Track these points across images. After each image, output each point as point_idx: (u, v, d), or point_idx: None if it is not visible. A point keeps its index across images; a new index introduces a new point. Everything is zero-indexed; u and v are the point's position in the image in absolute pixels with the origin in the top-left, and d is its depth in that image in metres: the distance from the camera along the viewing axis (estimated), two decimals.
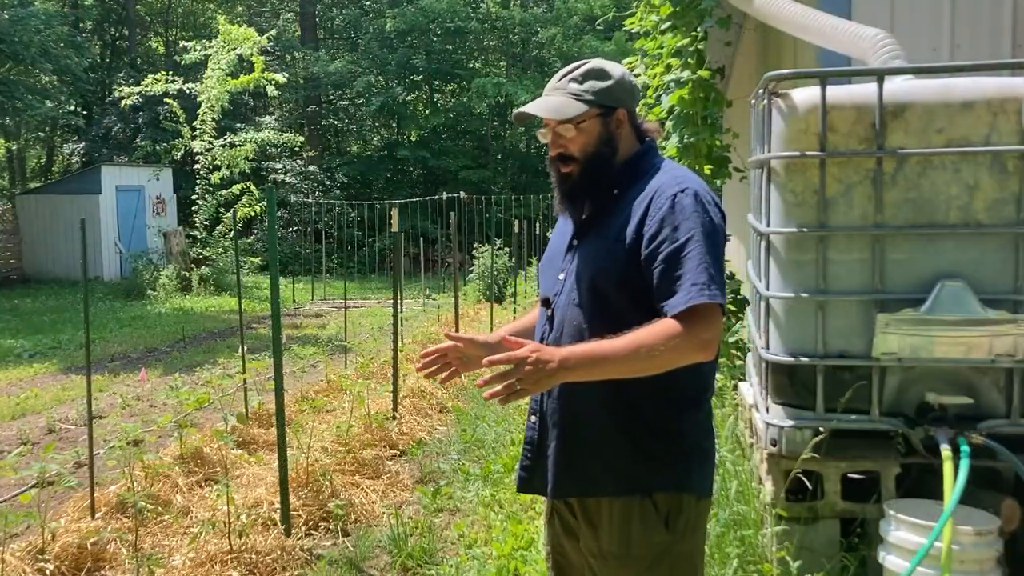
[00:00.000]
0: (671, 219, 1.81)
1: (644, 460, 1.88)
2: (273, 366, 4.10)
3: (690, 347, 1.74)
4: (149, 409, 6.72)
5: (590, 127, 1.94)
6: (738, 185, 6.99)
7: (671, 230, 1.80)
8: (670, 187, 1.85)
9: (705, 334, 1.74)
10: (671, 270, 1.78)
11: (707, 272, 1.75)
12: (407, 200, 20.69)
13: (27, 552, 3.55)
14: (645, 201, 1.86)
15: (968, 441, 2.65)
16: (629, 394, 1.85)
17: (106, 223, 18.56)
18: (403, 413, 6.06)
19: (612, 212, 1.93)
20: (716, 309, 1.76)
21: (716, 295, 1.74)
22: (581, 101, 1.92)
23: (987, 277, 2.82)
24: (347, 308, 9.91)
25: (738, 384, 4.38)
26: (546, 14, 26.33)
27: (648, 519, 1.87)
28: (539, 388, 1.71)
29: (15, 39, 17.93)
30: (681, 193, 1.83)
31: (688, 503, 1.90)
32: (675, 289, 1.76)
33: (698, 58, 5.39)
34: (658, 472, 1.88)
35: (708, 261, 1.77)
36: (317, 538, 4.07)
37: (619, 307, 1.86)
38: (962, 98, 2.81)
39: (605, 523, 1.91)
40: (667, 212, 1.82)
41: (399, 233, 7.11)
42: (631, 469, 1.88)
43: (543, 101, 1.96)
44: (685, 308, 1.73)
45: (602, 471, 1.90)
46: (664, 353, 1.72)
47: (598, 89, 1.93)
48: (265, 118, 25.14)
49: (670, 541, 1.89)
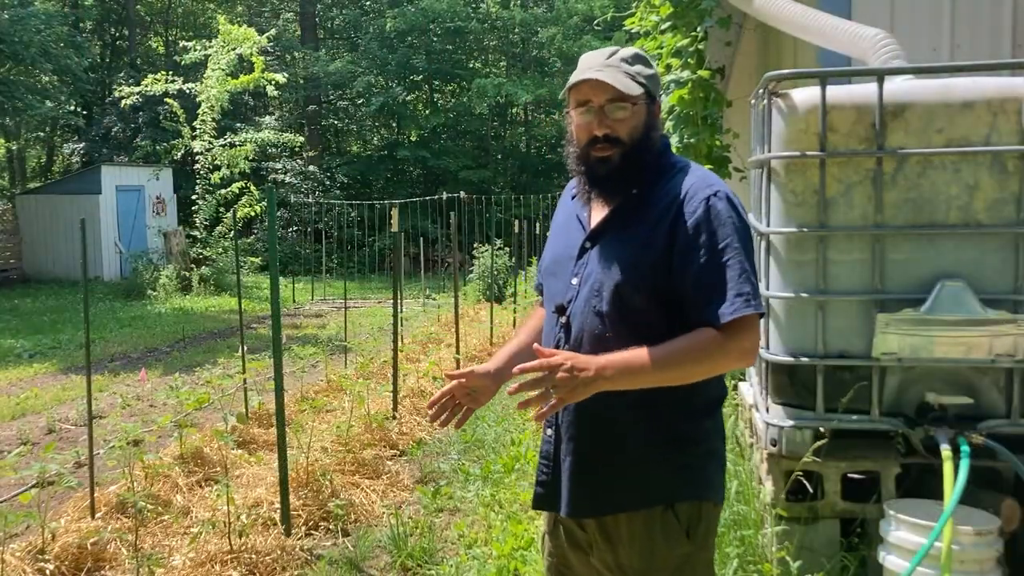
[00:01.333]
0: (707, 225, 1.73)
1: (668, 470, 1.82)
2: (273, 366, 4.10)
3: (734, 357, 1.72)
4: (149, 409, 6.72)
5: (639, 111, 1.83)
6: (738, 185, 6.99)
7: (708, 236, 1.73)
8: (700, 190, 1.77)
9: (747, 343, 1.72)
10: (710, 278, 1.71)
11: (750, 281, 1.71)
12: (407, 200, 20.69)
13: (27, 552, 3.55)
14: (675, 204, 1.77)
15: (968, 441, 2.65)
16: (651, 403, 1.78)
17: (106, 223, 18.56)
18: (403, 413, 6.06)
19: (634, 213, 1.83)
20: (758, 319, 1.74)
21: (760, 306, 1.72)
22: (637, 83, 1.81)
23: (987, 277, 2.82)
24: (347, 308, 9.91)
25: (738, 384, 4.38)
26: (546, 14, 26.33)
27: (671, 530, 1.81)
28: (575, 397, 1.66)
29: (15, 39, 17.92)
30: (714, 197, 1.76)
31: (707, 510, 1.86)
32: (716, 298, 1.70)
33: (698, 58, 5.39)
34: (680, 481, 1.82)
35: (749, 270, 1.72)
36: (317, 538, 4.07)
37: (646, 315, 1.78)
38: (962, 98, 2.81)
39: (625, 537, 1.83)
40: (702, 217, 1.74)
41: (399, 233, 7.11)
42: (654, 481, 1.82)
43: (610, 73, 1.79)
44: (733, 319, 1.68)
45: (621, 486, 1.83)
46: (707, 363, 1.70)
47: (647, 75, 1.84)
48: (265, 118, 25.14)
49: (692, 550, 1.83)
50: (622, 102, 1.80)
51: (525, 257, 15.90)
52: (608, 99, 1.80)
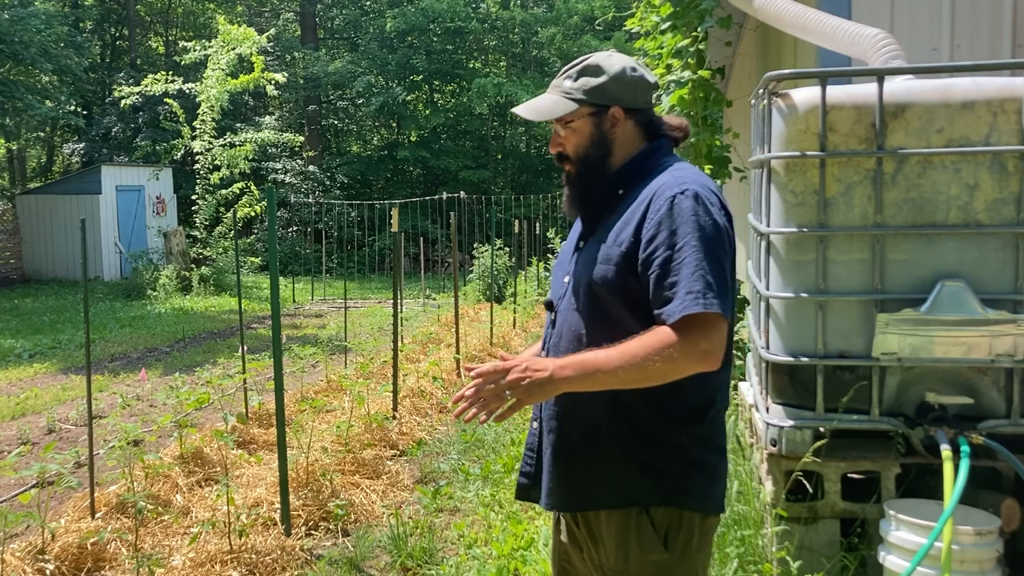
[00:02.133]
0: (668, 222, 1.70)
1: (640, 472, 1.79)
2: (273, 366, 4.10)
3: (688, 358, 1.65)
4: (149, 409, 6.72)
5: (581, 127, 1.88)
6: (738, 185, 6.99)
7: (668, 234, 1.70)
8: (670, 188, 1.75)
9: (704, 344, 1.65)
10: (665, 276, 1.68)
11: (703, 279, 1.65)
12: (407, 200, 20.70)
13: (27, 552, 3.55)
14: (644, 203, 1.77)
15: (968, 441, 2.65)
16: (626, 402, 1.76)
17: (106, 223, 18.57)
18: (403, 413, 6.06)
19: (613, 214, 1.85)
20: (715, 317, 1.65)
21: (713, 303, 1.64)
22: (572, 99, 1.86)
23: (987, 277, 2.82)
24: (347, 308, 9.91)
25: (738, 384, 4.38)
26: (546, 14, 26.33)
27: (645, 536, 1.78)
28: (532, 398, 1.68)
29: (15, 39, 17.93)
30: (681, 195, 1.72)
31: (689, 520, 1.80)
32: (669, 296, 1.67)
33: (698, 58, 5.39)
34: (655, 485, 1.78)
35: (705, 267, 1.66)
36: (317, 538, 4.07)
37: (616, 313, 1.78)
38: (962, 98, 2.81)
39: (605, 537, 1.83)
40: (664, 215, 1.71)
41: (399, 233, 7.11)
42: (627, 481, 1.79)
43: (534, 101, 1.92)
44: (680, 317, 1.64)
45: (597, 483, 1.82)
46: (659, 364, 1.63)
47: (590, 87, 1.85)
48: (265, 118, 25.15)
49: (668, 560, 1.79)
50: (559, 123, 1.90)
51: (525, 257, 15.90)
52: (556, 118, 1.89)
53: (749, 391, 3.78)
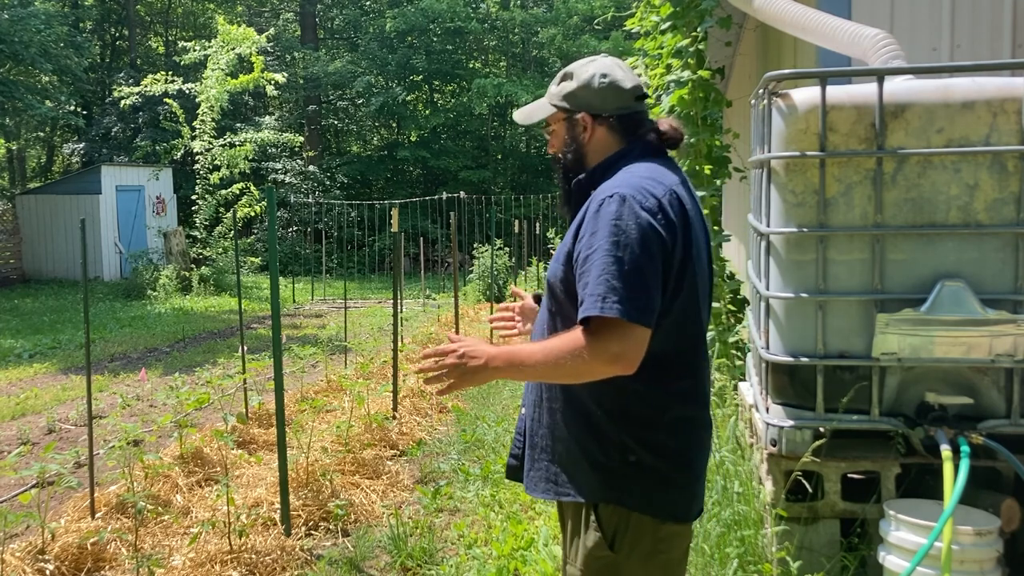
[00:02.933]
0: (592, 224, 1.74)
1: (589, 467, 1.83)
2: (273, 366, 4.10)
3: (597, 359, 1.65)
4: (149, 409, 6.72)
5: (558, 131, 1.98)
6: (738, 185, 6.99)
7: (589, 236, 1.73)
8: (605, 191, 1.77)
9: (613, 347, 1.65)
10: (581, 277, 1.72)
11: (607, 283, 1.65)
12: (407, 200, 20.70)
13: (27, 552, 3.55)
14: (587, 205, 1.82)
15: (968, 441, 2.65)
16: (580, 399, 1.84)
17: (106, 223, 18.57)
18: (403, 413, 6.06)
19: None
20: (618, 322, 1.64)
21: (611, 308, 1.63)
22: (551, 104, 1.97)
23: (987, 277, 2.82)
24: (347, 308, 9.90)
25: (738, 384, 4.38)
26: (546, 14, 26.33)
27: (591, 531, 1.82)
28: (467, 382, 1.77)
29: (15, 39, 17.93)
30: (609, 198, 1.74)
31: (638, 522, 1.80)
32: (582, 298, 1.70)
33: (698, 58, 5.39)
34: (600, 481, 1.81)
35: (612, 271, 1.66)
36: (317, 538, 4.07)
37: (568, 309, 1.82)
38: (962, 98, 2.81)
39: (568, 529, 1.92)
40: (591, 217, 1.75)
41: (399, 233, 7.11)
42: (578, 474, 1.84)
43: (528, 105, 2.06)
44: (584, 318, 1.67)
45: (556, 473, 1.90)
46: (570, 363, 1.67)
47: (564, 93, 1.94)
48: (265, 118, 25.14)
49: (616, 560, 1.80)
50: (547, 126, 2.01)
51: (525, 257, 15.90)
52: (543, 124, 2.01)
53: (749, 391, 3.78)
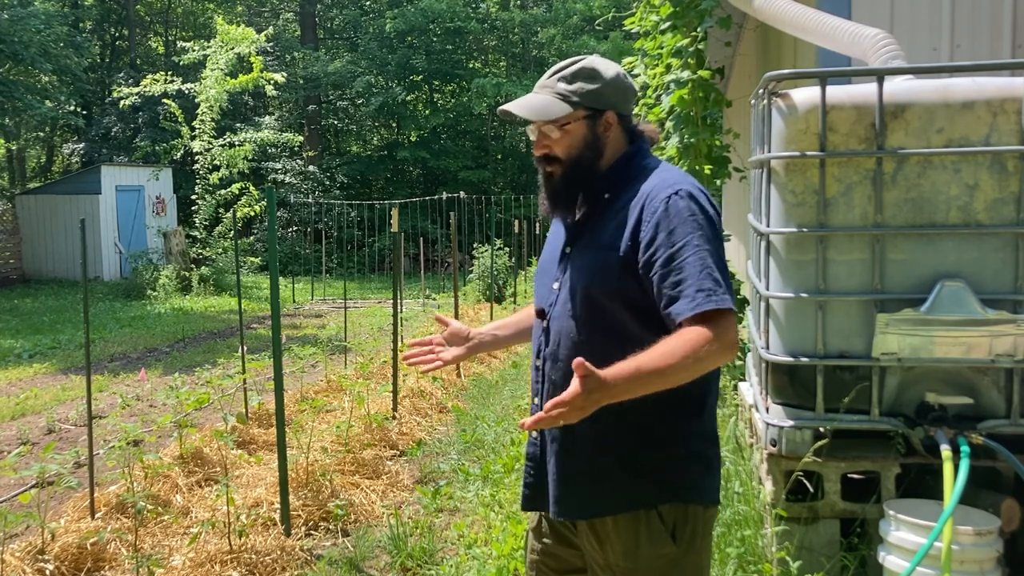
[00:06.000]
0: (666, 223, 1.73)
1: (649, 473, 1.82)
2: (273, 366, 4.10)
3: (725, 350, 1.67)
4: (149, 409, 6.72)
5: (575, 129, 1.88)
6: (738, 185, 6.99)
7: (667, 235, 1.73)
8: (663, 190, 1.78)
9: (733, 335, 1.69)
10: (671, 276, 1.70)
11: (711, 276, 1.69)
12: (407, 200, 20.69)
13: (27, 552, 3.55)
14: (638, 206, 1.79)
15: (968, 441, 2.65)
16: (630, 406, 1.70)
17: (106, 223, 18.57)
18: (403, 413, 6.06)
19: (604, 218, 1.87)
20: (729, 312, 1.69)
21: (725, 299, 1.68)
22: (568, 102, 1.86)
23: (987, 277, 2.82)
24: (347, 308, 9.91)
25: (738, 384, 4.38)
26: (545, 14, 26.34)
27: (655, 533, 1.82)
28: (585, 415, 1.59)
29: (15, 39, 17.93)
30: (675, 196, 1.76)
31: (694, 513, 1.85)
32: (676, 296, 1.69)
33: (698, 58, 5.39)
34: (660, 483, 1.83)
35: (711, 265, 1.70)
36: (317, 538, 4.07)
37: (614, 317, 1.80)
38: (962, 98, 2.81)
39: (612, 538, 1.85)
40: (662, 216, 1.74)
41: (399, 233, 7.11)
42: (636, 484, 1.83)
43: (527, 99, 1.90)
44: (692, 315, 1.66)
45: (604, 491, 1.84)
46: (699, 360, 1.63)
47: (587, 91, 1.87)
48: (265, 118, 25.13)
49: (677, 553, 1.83)
50: (551, 123, 1.86)
51: (525, 257, 15.90)
52: (543, 121, 1.87)
53: (749, 391, 3.78)
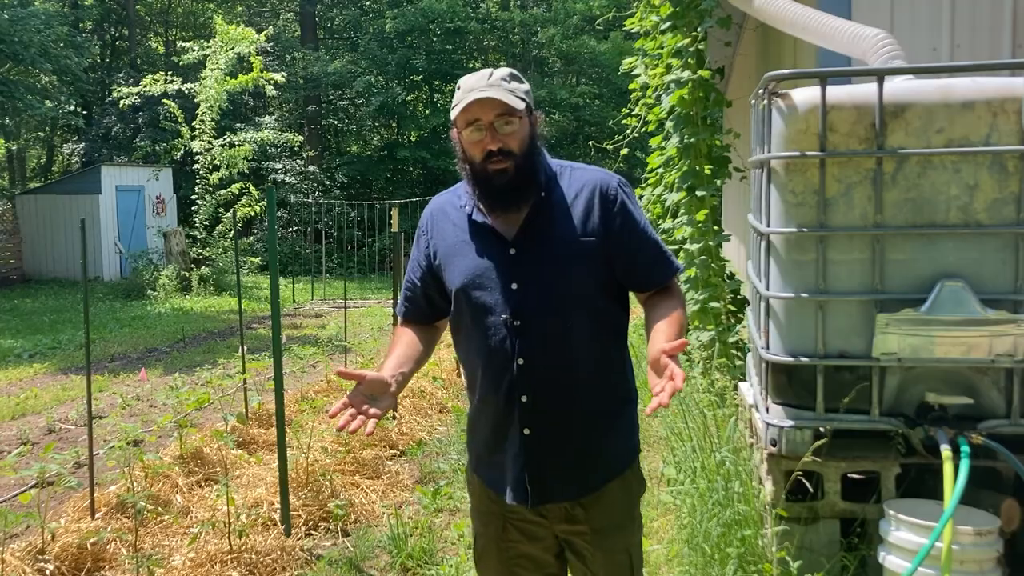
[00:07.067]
0: (625, 209, 1.99)
1: (631, 430, 2.07)
2: (273, 366, 4.10)
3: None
4: (149, 409, 6.72)
5: (524, 125, 1.96)
6: (738, 185, 7.00)
7: (631, 218, 1.99)
8: (610, 183, 2.01)
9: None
10: (650, 251, 2.02)
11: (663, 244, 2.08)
12: (407, 200, 20.68)
13: (27, 552, 3.55)
14: (595, 197, 1.97)
15: (968, 441, 2.65)
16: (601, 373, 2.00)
17: (106, 223, 18.56)
18: (403, 413, 6.06)
19: (552, 213, 1.96)
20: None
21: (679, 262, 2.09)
22: (517, 98, 1.92)
23: (987, 277, 2.81)
24: (347, 308, 9.90)
25: (738, 384, 4.38)
26: (545, 14, 26.33)
27: (639, 477, 2.10)
28: None
29: (15, 39, 17.91)
30: (620, 186, 2.02)
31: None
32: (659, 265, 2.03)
33: (698, 58, 5.39)
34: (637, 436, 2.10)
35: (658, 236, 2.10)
36: (317, 538, 4.07)
37: (596, 302, 1.96)
38: (962, 98, 2.81)
39: (607, 500, 2.00)
40: (621, 204, 1.98)
41: (399, 233, 7.11)
42: (628, 443, 2.07)
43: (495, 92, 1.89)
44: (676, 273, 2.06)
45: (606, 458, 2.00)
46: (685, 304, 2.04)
47: (524, 91, 1.98)
48: (265, 118, 25.10)
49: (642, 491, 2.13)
50: (510, 116, 1.91)
51: None
52: (496, 115, 1.90)
53: (749, 391, 3.77)
